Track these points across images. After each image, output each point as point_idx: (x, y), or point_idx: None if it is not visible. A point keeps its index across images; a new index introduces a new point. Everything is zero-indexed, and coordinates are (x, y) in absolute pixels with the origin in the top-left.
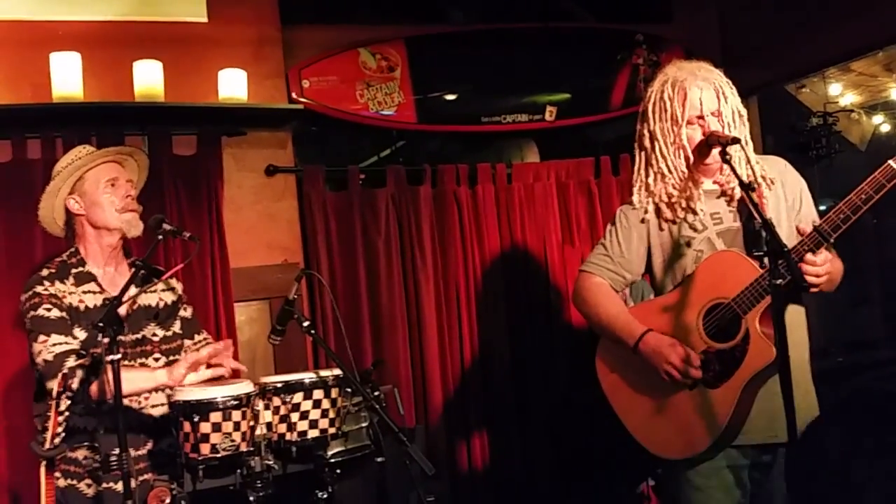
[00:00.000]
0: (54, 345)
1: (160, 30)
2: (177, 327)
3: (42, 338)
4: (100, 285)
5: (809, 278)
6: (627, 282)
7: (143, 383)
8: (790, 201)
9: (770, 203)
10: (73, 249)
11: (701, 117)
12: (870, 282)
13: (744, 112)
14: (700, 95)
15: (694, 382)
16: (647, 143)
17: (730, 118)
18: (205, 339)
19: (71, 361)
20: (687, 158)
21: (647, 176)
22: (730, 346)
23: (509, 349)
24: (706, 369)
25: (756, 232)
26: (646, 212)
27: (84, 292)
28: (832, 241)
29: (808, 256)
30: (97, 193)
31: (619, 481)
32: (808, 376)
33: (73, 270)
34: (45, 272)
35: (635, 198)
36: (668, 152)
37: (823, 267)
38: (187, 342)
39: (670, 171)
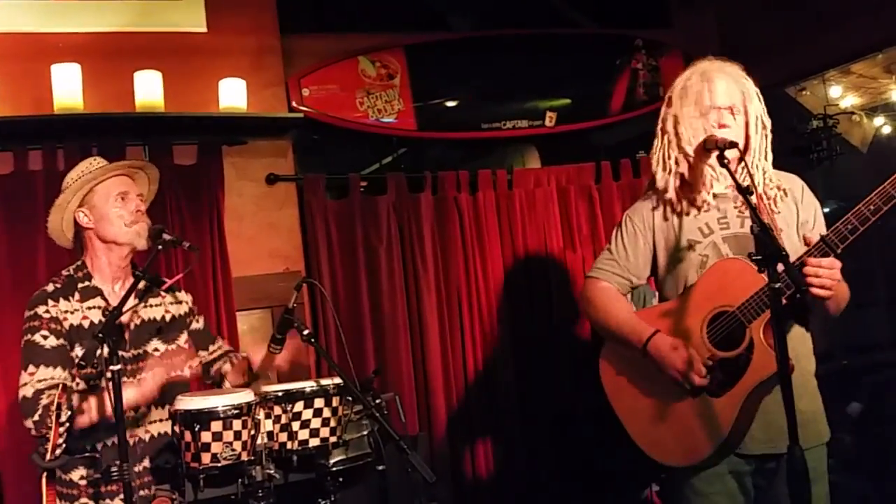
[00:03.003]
0: (39, 380)
1: (160, 40)
2: (181, 340)
3: (31, 368)
4: (105, 300)
5: (811, 279)
6: (634, 285)
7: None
8: (803, 219)
9: (783, 214)
10: (79, 263)
11: (717, 108)
12: (874, 284)
13: (767, 122)
14: (723, 88)
15: (697, 390)
16: (669, 126)
17: (752, 120)
18: (219, 347)
19: (45, 399)
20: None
21: (668, 157)
22: (734, 355)
23: (512, 355)
24: (709, 377)
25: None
26: (665, 191)
27: (88, 308)
28: (839, 251)
29: (811, 259)
30: (106, 207)
31: (623, 488)
32: (813, 388)
33: (80, 285)
34: (50, 287)
35: (658, 175)
36: (688, 135)
37: (829, 272)
38: (202, 353)
39: (689, 155)
